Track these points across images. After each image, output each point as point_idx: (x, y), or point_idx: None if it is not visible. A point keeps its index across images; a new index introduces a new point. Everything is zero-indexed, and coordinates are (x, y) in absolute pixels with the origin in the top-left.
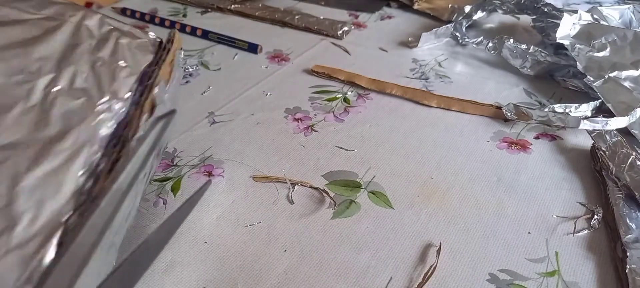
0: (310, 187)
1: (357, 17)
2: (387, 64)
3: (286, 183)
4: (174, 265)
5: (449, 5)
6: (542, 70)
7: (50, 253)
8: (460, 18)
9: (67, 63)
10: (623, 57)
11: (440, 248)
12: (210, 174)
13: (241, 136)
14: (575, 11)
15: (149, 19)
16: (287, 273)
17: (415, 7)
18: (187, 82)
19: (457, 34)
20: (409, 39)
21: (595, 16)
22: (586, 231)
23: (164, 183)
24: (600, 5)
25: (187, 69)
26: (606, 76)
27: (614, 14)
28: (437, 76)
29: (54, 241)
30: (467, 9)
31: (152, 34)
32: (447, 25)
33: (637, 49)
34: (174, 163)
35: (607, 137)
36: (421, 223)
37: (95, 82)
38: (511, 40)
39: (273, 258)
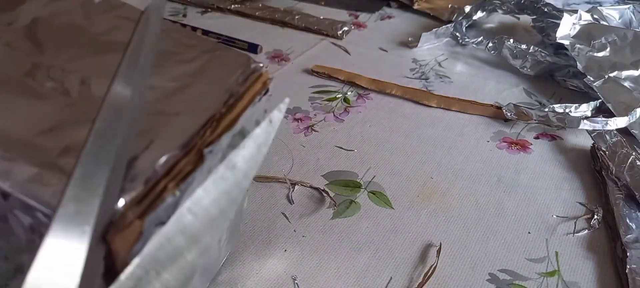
0: (310, 187)
1: (357, 17)
2: (387, 64)
3: (286, 183)
4: None
5: (449, 5)
6: (542, 70)
7: None
8: (460, 18)
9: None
10: (623, 57)
11: (440, 248)
12: None
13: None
14: (575, 11)
15: None
16: (287, 273)
17: (415, 7)
18: None
19: (457, 34)
20: (409, 39)
21: (595, 16)
22: (586, 231)
23: None
24: (600, 5)
25: None
26: (606, 76)
27: (614, 14)
28: (437, 76)
29: None
30: (467, 9)
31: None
32: (447, 25)
33: (637, 49)
34: None
35: (607, 137)
36: (421, 223)
37: None
38: (511, 40)
39: (273, 259)
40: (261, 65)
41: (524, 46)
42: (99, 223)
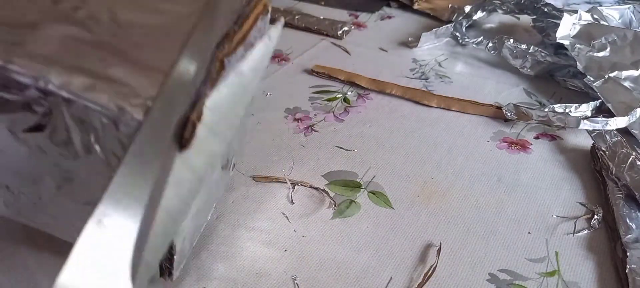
0: (310, 187)
1: (357, 17)
2: (387, 64)
3: (286, 183)
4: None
5: (449, 5)
6: (542, 70)
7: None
8: (460, 18)
9: None
10: (623, 57)
11: (440, 248)
12: None
13: (241, 136)
14: (575, 11)
15: None
16: (287, 273)
17: (415, 7)
18: None
19: (457, 34)
20: (409, 39)
21: (595, 16)
22: (586, 231)
23: None
24: (600, 5)
25: None
26: (606, 76)
27: (614, 14)
28: (437, 76)
29: None
30: (467, 9)
31: None
32: (447, 25)
33: (637, 49)
34: None
35: (607, 137)
36: (421, 223)
37: None
38: (511, 40)
39: (273, 258)
40: None
41: (524, 46)
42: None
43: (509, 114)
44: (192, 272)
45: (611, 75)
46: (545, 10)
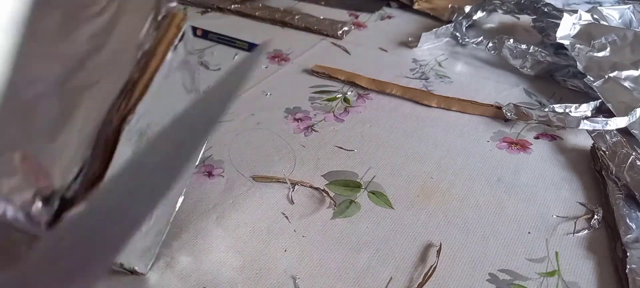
0: (310, 187)
1: (357, 17)
2: (387, 64)
3: (286, 183)
4: (173, 265)
5: (449, 5)
6: (542, 70)
7: None
8: (460, 18)
9: None
10: (623, 57)
11: (440, 248)
12: (210, 174)
13: (241, 136)
14: (575, 11)
15: None
16: (287, 273)
17: (415, 7)
18: None
19: (457, 34)
20: (409, 39)
21: (595, 16)
22: (586, 231)
23: None
24: (600, 5)
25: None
26: (606, 76)
27: (614, 14)
28: (437, 76)
29: None
30: (467, 9)
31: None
32: (447, 25)
33: (637, 49)
34: None
35: (607, 137)
36: (421, 223)
37: None
38: (511, 40)
39: (273, 258)
40: (173, 4)
41: (524, 46)
42: None
43: (509, 114)
44: (192, 273)
45: (611, 75)
46: (545, 10)
